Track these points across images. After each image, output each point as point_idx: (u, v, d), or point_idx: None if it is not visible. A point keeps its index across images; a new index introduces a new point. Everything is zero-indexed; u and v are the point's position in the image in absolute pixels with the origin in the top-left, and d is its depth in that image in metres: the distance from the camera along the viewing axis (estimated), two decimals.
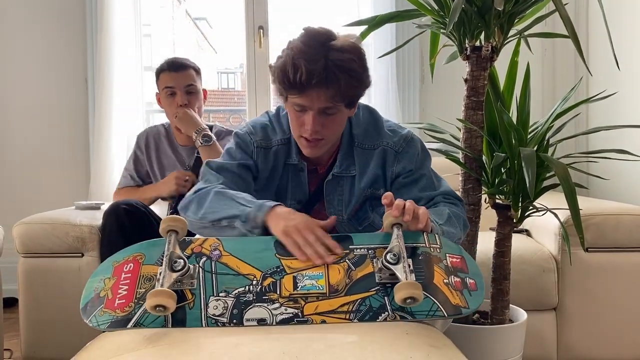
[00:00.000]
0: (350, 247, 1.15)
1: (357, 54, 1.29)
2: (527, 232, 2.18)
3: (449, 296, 1.08)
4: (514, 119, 1.56)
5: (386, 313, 1.05)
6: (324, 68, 1.24)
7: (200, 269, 1.12)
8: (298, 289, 1.11)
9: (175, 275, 1.06)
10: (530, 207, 1.55)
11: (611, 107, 2.35)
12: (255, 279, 1.12)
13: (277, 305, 1.09)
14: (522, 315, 1.64)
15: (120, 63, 2.83)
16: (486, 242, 1.70)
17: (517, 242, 1.79)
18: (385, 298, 1.07)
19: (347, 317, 1.05)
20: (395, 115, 2.73)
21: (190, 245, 1.16)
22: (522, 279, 1.84)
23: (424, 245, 1.15)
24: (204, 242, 1.16)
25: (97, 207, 2.19)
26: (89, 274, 1.87)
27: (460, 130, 1.62)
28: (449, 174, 1.78)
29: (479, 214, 1.60)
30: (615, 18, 2.28)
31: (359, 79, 1.30)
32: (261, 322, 1.05)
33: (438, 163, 1.92)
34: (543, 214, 1.55)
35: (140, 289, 1.08)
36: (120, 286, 1.10)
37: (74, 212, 2.11)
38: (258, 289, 1.11)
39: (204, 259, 1.14)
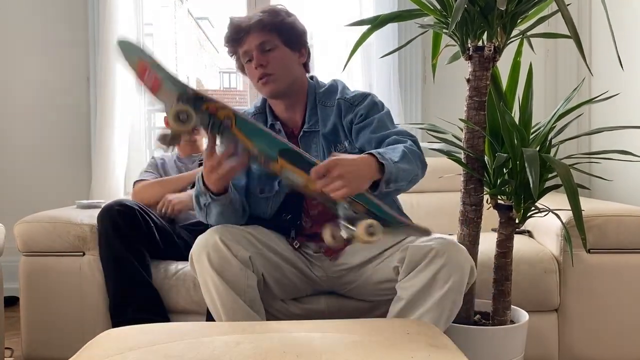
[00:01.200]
0: None
1: (278, 9, 1.59)
2: (529, 233, 2.18)
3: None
4: (517, 120, 1.56)
5: None
6: (250, 19, 1.54)
7: (210, 124, 1.26)
8: (281, 173, 1.33)
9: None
10: (532, 208, 1.54)
11: (614, 108, 2.35)
12: (254, 154, 1.31)
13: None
14: (523, 316, 1.64)
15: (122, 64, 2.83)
16: (488, 242, 1.70)
17: (519, 243, 1.79)
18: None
19: None
20: (397, 115, 2.73)
21: (204, 104, 1.24)
22: (524, 280, 1.84)
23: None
24: (217, 110, 1.26)
25: (98, 206, 2.18)
26: (90, 273, 1.91)
27: (462, 130, 1.62)
28: (451, 174, 1.78)
29: (481, 215, 1.60)
30: (618, 19, 2.27)
31: (282, 17, 1.56)
32: None
33: (440, 163, 1.93)
34: (545, 215, 1.54)
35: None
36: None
37: (76, 211, 2.11)
38: (254, 157, 1.33)
39: (215, 120, 1.26)
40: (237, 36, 1.56)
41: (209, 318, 1.59)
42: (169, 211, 2.07)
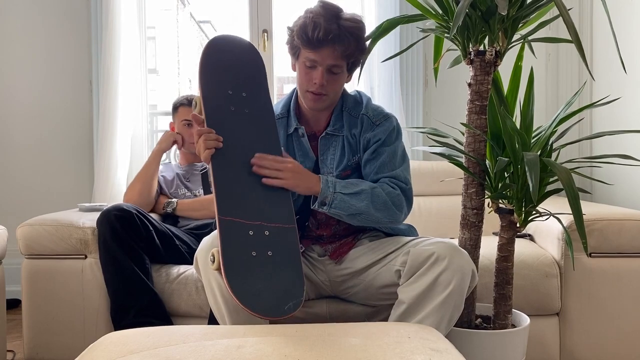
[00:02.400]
0: None
1: (362, 25, 1.55)
2: (530, 237, 2.17)
3: None
4: (518, 124, 1.56)
5: None
6: (337, 29, 1.48)
7: None
8: None
9: None
10: (534, 212, 1.55)
11: (615, 112, 2.35)
12: None
13: None
14: (524, 320, 1.63)
15: (124, 65, 2.84)
16: (489, 246, 1.70)
17: (520, 246, 1.79)
18: None
19: None
20: (398, 118, 2.72)
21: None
22: (525, 284, 1.84)
23: None
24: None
25: (100, 209, 2.19)
26: (92, 276, 1.91)
27: (463, 134, 1.62)
28: (452, 177, 1.78)
29: (482, 218, 1.60)
30: (619, 23, 2.28)
31: (362, 44, 1.55)
32: None
33: (441, 167, 1.93)
34: (546, 219, 1.54)
35: None
36: None
37: (78, 214, 2.11)
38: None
39: None
40: (315, 42, 1.49)
41: (212, 322, 1.60)
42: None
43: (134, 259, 1.85)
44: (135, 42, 2.92)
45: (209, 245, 1.43)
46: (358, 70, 1.64)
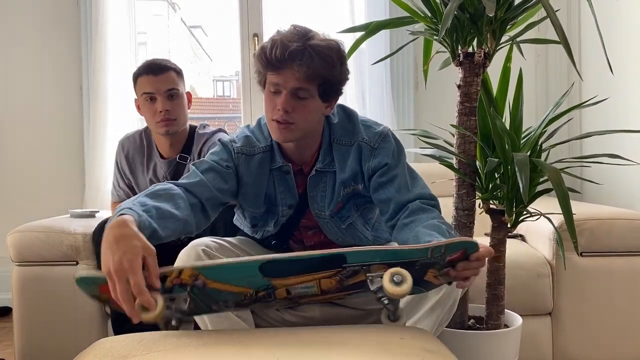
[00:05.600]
0: (343, 265, 1.08)
1: (333, 44, 1.37)
2: (522, 237, 2.18)
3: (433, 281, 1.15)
4: (507, 125, 1.57)
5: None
6: (301, 48, 1.32)
7: (189, 295, 1.09)
8: (292, 295, 1.12)
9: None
10: (524, 212, 1.55)
11: (605, 112, 2.37)
12: (249, 293, 1.11)
13: (274, 303, 1.13)
14: (517, 320, 1.64)
15: (115, 71, 2.84)
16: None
17: (512, 247, 1.80)
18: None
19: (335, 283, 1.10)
20: (389, 121, 2.74)
21: (168, 279, 1.08)
22: (517, 284, 1.84)
23: (426, 258, 1.09)
24: (180, 274, 1.08)
25: (91, 215, 2.19)
26: None
27: (454, 135, 1.63)
28: (443, 179, 1.78)
29: (473, 219, 1.61)
30: (607, 24, 2.30)
31: (333, 65, 1.36)
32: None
33: (432, 168, 1.94)
34: (537, 219, 1.55)
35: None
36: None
37: (69, 220, 2.10)
38: (254, 298, 1.12)
39: (189, 287, 1.09)
40: (274, 62, 1.34)
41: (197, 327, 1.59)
42: None
43: None
44: (126, 47, 2.91)
45: (185, 258, 1.36)
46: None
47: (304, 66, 1.32)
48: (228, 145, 1.50)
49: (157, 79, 1.95)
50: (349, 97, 2.78)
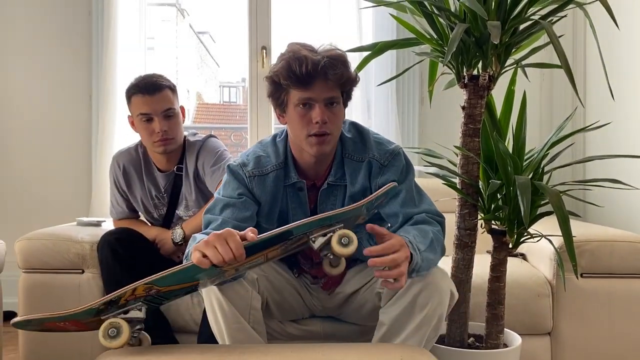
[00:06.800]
0: (290, 237, 1.21)
1: (341, 51, 1.45)
2: (523, 256, 2.19)
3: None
4: (510, 147, 1.59)
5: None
6: (326, 59, 1.38)
7: (143, 303, 1.21)
8: (240, 271, 1.30)
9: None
10: (525, 234, 1.57)
11: (608, 136, 2.38)
12: (201, 281, 1.28)
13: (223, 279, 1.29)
14: (516, 339, 1.65)
15: (124, 81, 2.85)
16: (482, 265, 1.71)
17: (513, 266, 1.81)
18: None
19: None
20: (395, 138, 2.76)
21: (122, 298, 1.18)
22: (517, 304, 1.86)
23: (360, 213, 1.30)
24: (135, 291, 1.18)
25: (98, 224, 2.21)
26: (89, 291, 1.92)
27: (457, 155, 1.64)
28: (446, 197, 1.80)
29: (475, 239, 1.62)
30: (611, 49, 2.32)
31: (351, 69, 1.44)
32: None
33: (435, 186, 1.95)
34: (538, 240, 1.57)
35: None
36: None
37: (76, 228, 2.12)
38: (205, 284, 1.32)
39: (143, 298, 1.20)
40: (306, 77, 1.37)
41: (202, 337, 1.60)
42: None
43: (137, 279, 1.85)
44: (135, 55, 2.94)
45: None
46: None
47: (336, 75, 1.38)
48: (238, 171, 1.52)
49: (154, 99, 1.92)
50: (354, 111, 2.81)
